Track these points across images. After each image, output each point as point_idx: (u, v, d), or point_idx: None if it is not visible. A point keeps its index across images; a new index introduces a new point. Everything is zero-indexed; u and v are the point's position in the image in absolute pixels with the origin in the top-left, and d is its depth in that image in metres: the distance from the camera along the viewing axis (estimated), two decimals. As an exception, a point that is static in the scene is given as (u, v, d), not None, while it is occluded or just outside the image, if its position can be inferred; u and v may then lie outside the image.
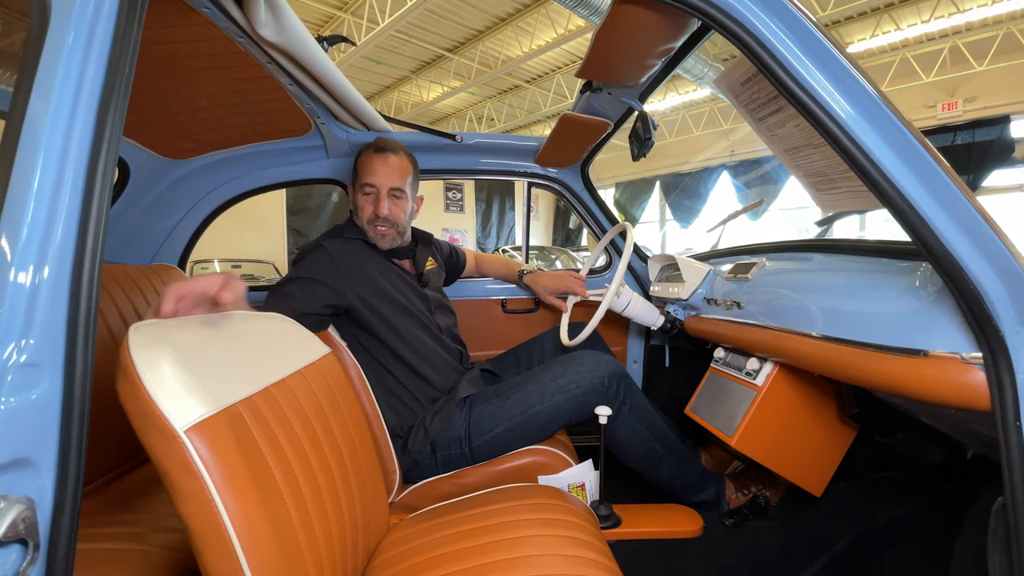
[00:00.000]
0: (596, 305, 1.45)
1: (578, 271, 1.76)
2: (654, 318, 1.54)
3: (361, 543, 0.80)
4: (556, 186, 1.89)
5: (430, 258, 1.52)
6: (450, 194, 12.08)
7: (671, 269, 1.59)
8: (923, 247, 0.63)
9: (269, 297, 1.19)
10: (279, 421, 0.66)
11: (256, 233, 8.30)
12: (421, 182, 1.51)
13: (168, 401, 0.50)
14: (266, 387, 0.66)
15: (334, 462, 0.75)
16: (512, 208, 13.11)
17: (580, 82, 1.24)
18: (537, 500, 0.94)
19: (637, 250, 1.85)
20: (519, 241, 11.18)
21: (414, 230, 1.54)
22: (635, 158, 1.39)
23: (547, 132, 1.62)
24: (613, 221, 1.91)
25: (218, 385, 0.57)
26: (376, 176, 1.32)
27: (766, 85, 0.85)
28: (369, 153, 1.35)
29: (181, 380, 0.53)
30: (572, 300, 1.71)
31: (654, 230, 12.43)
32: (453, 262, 1.74)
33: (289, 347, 0.80)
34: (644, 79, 1.15)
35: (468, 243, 12.21)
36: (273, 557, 0.53)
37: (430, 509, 1.01)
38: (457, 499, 1.03)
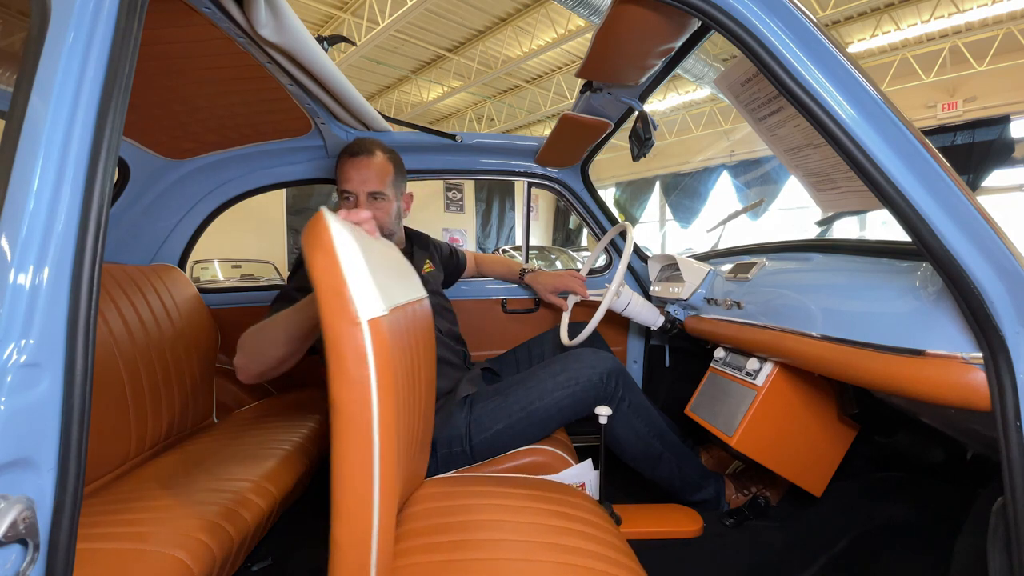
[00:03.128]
0: (596, 305, 1.45)
1: (578, 271, 1.76)
2: (654, 318, 1.54)
3: (413, 473, 0.85)
4: (556, 186, 1.89)
5: (427, 261, 1.52)
6: (450, 194, 12.08)
7: (671, 269, 1.59)
8: (923, 247, 0.63)
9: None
10: (406, 334, 0.72)
11: (256, 233, 8.30)
12: (422, 182, 1.50)
13: (357, 288, 0.53)
14: (402, 304, 0.72)
15: (422, 387, 0.82)
16: (512, 208, 13.11)
17: (580, 82, 1.24)
18: (558, 494, 0.95)
19: (637, 250, 1.85)
20: (519, 241, 11.18)
21: (408, 231, 1.53)
22: (635, 158, 1.38)
23: (547, 132, 1.62)
24: (613, 221, 1.91)
25: (386, 288, 0.61)
26: (352, 183, 1.29)
27: (766, 85, 0.85)
28: (344, 158, 1.31)
29: (366, 273, 0.56)
30: (572, 300, 1.71)
31: (654, 230, 12.43)
32: (453, 263, 1.74)
33: (410, 278, 0.89)
34: (644, 79, 1.15)
35: (468, 243, 12.21)
36: (392, 450, 0.57)
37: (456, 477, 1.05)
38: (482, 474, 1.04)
